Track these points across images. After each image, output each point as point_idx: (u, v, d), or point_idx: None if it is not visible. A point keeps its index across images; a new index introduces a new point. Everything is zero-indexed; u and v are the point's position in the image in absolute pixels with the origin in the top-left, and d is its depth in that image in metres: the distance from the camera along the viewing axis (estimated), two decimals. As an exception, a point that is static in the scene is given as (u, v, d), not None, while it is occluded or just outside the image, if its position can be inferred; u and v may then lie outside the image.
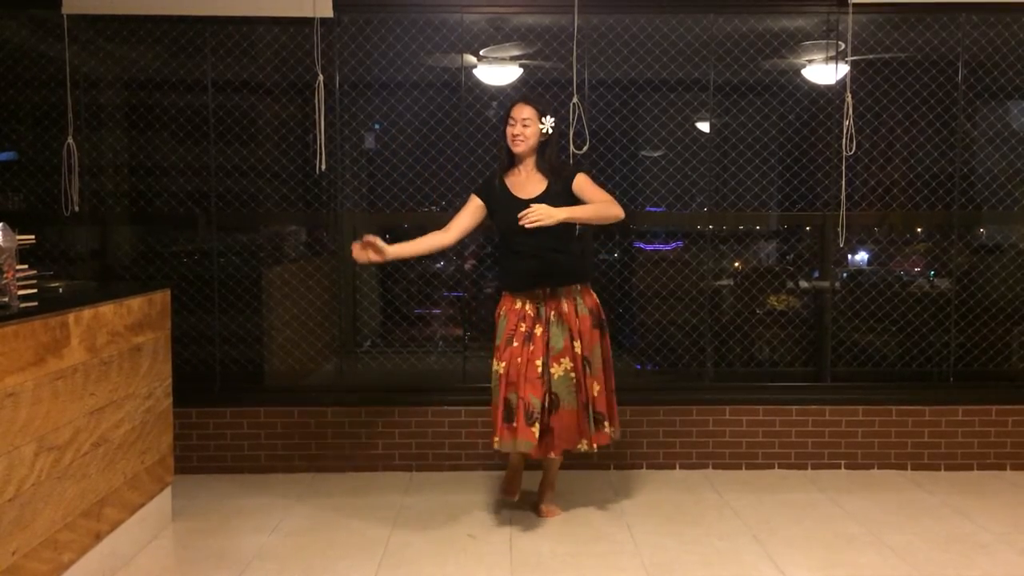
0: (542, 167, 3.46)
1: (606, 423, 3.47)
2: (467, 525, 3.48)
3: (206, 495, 3.84)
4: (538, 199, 3.34)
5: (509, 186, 3.46)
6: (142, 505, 3.21)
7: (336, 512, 3.64)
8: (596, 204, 3.33)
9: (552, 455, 3.39)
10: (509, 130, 3.42)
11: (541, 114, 3.41)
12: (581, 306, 3.43)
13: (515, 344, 3.36)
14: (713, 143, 4.32)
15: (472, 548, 3.25)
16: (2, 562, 2.30)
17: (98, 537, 2.86)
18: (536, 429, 3.30)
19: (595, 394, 3.43)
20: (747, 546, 3.26)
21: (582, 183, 3.40)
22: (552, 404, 3.35)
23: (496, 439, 3.35)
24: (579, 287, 3.46)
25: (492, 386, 3.43)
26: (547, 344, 3.37)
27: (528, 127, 3.39)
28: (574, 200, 3.38)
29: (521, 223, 3.15)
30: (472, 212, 3.49)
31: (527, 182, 3.46)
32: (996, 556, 3.16)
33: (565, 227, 3.33)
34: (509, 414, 3.33)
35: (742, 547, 3.25)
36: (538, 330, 3.37)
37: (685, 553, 3.18)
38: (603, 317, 3.50)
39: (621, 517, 3.57)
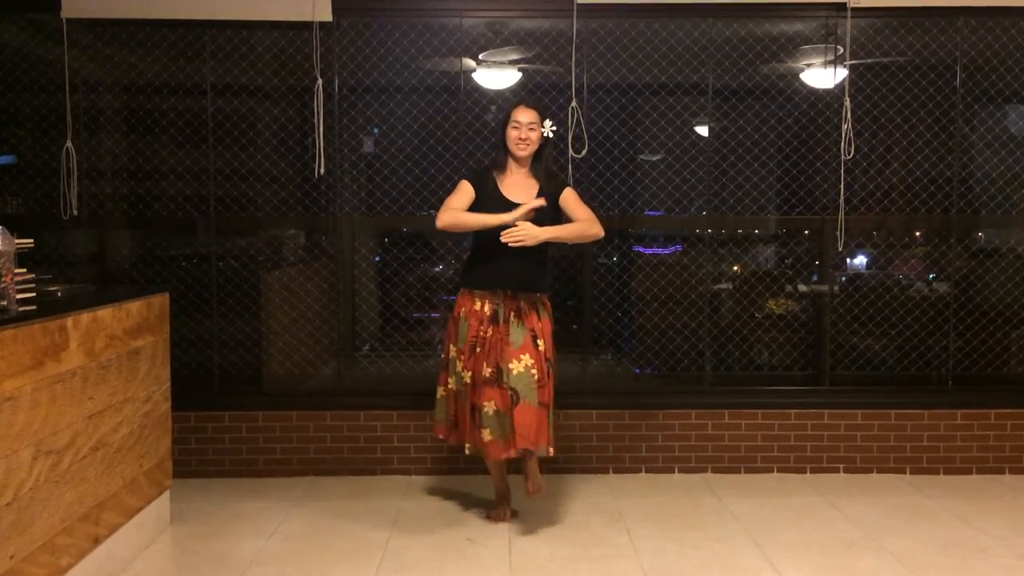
0: (536, 172, 3.48)
1: None
2: (466, 529, 3.48)
3: (204, 499, 3.84)
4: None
5: (500, 186, 3.46)
6: (140, 509, 3.21)
7: (335, 516, 3.63)
8: (578, 224, 3.41)
9: (512, 453, 3.31)
10: (514, 133, 3.42)
11: (543, 118, 3.45)
12: (542, 311, 3.45)
13: (478, 351, 3.36)
14: (712, 147, 4.33)
15: (471, 552, 3.24)
16: (0, 566, 2.29)
17: (96, 541, 2.86)
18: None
19: None
20: (746, 550, 3.25)
21: (569, 198, 3.45)
22: (512, 400, 3.29)
23: (468, 445, 3.40)
24: (539, 295, 3.46)
25: (459, 390, 3.41)
26: (504, 341, 3.33)
27: (533, 131, 3.42)
28: (559, 211, 3.43)
29: (504, 240, 3.21)
30: (469, 198, 3.42)
31: (518, 185, 3.46)
32: (995, 560, 3.16)
33: None
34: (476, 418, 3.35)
35: (741, 551, 3.24)
36: (490, 332, 3.36)
37: (684, 557, 3.18)
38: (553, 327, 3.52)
39: (620, 521, 3.57)
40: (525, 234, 3.22)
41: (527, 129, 3.41)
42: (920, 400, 4.22)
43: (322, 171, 4.06)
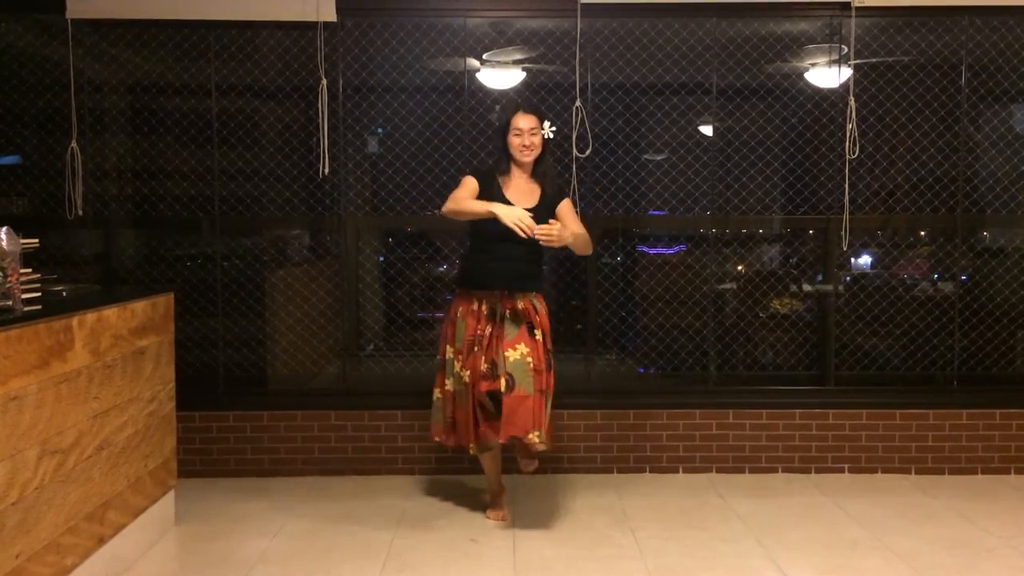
0: (538, 175, 3.48)
1: None
2: (470, 529, 3.48)
3: (209, 499, 3.84)
4: (533, 210, 3.33)
5: (504, 190, 3.45)
6: (145, 509, 3.21)
7: (339, 516, 3.64)
8: (585, 235, 3.45)
9: (500, 440, 3.28)
10: (516, 140, 3.41)
11: (541, 120, 3.44)
12: (539, 305, 3.44)
13: (476, 349, 3.35)
14: (716, 147, 4.32)
15: (475, 552, 3.24)
16: (6, 566, 2.30)
17: (101, 541, 2.86)
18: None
19: None
20: (751, 550, 3.25)
21: (565, 210, 3.47)
22: (507, 385, 3.26)
23: (472, 445, 3.39)
24: (534, 293, 3.45)
25: (457, 390, 3.40)
26: (500, 338, 3.33)
27: (535, 135, 3.41)
28: (553, 216, 3.42)
29: (538, 236, 3.16)
30: (473, 192, 3.39)
31: (521, 190, 3.45)
32: (1000, 560, 3.15)
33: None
34: (487, 414, 3.34)
35: (746, 551, 3.24)
36: (487, 330, 3.36)
37: (688, 557, 3.18)
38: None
39: (624, 521, 3.56)
40: (553, 236, 3.18)
41: (529, 135, 3.40)
42: (925, 400, 4.21)
43: (326, 171, 4.07)
